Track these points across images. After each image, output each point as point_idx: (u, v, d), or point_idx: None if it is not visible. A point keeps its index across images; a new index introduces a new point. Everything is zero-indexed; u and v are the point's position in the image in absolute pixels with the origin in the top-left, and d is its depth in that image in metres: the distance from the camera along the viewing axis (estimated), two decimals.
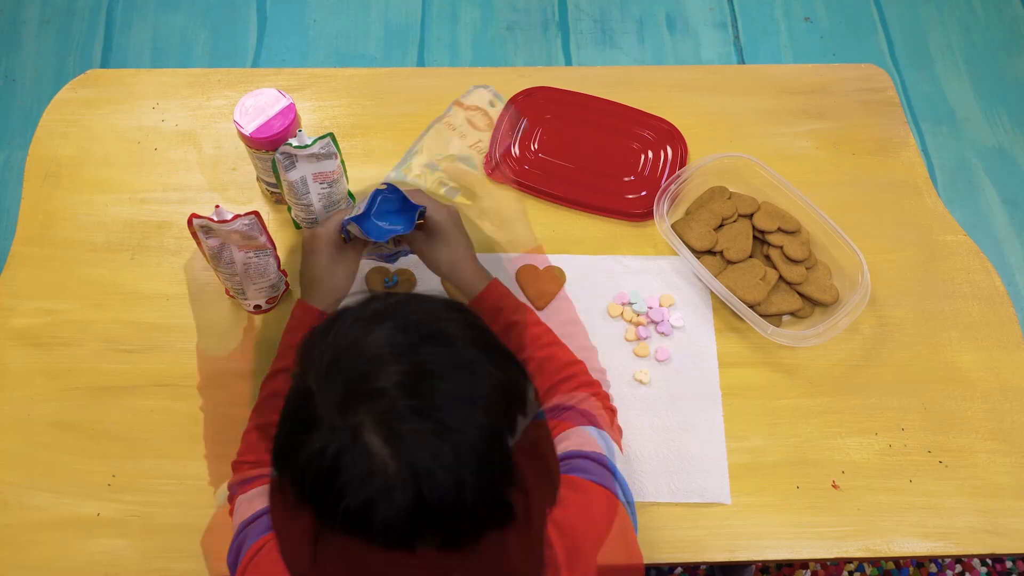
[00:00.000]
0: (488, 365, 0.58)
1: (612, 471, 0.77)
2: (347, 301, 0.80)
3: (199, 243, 0.92)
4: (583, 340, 0.98)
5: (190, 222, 0.88)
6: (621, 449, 0.83)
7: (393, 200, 0.87)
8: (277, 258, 0.98)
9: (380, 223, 0.86)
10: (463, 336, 0.59)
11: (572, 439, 0.79)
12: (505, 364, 0.61)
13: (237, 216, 0.88)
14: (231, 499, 0.83)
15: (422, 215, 0.86)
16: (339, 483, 0.53)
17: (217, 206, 0.86)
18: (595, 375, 0.89)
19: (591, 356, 0.96)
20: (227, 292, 1.03)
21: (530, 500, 0.63)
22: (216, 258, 0.94)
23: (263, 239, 0.93)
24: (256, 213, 0.89)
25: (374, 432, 0.52)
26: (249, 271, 0.95)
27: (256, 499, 0.78)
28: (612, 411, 0.87)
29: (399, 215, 0.86)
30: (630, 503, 0.77)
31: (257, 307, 1.02)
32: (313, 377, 0.57)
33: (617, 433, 0.86)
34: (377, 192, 0.86)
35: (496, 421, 0.57)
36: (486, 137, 0.83)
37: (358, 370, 0.55)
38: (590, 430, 0.81)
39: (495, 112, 0.81)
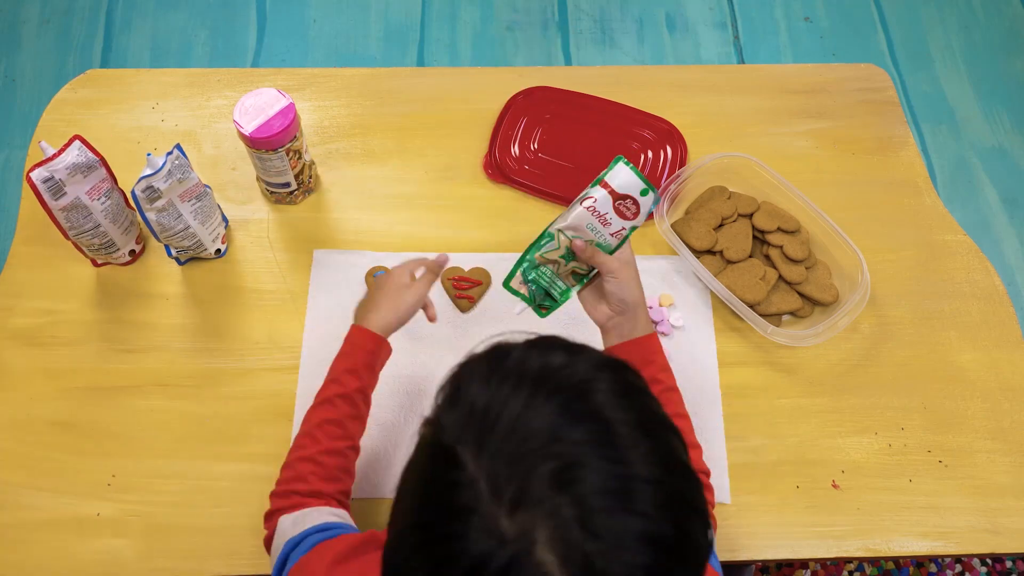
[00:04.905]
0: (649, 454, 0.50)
1: (713, 556, 0.74)
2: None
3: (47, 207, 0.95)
4: (679, 408, 0.89)
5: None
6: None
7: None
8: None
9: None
10: (623, 419, 0.50)
11: None
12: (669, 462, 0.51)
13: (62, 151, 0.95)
14: (269, 518, 0.80)
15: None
16: None
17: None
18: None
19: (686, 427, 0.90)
20: (85, 252, 1.03)
21: None
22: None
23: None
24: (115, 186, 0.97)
25: (548, 549, 0.45)
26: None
27: (302, 521, 0.76)
28: (713, 505, 0.84)
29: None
30: None
31: (132, 252, 1.06)
32: (462, 440, 0.49)
33: (713, 525, 0.81)
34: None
35: (672, 518, 0.48)
36: (629, 224, 0.84)
37: (525, 461, 0.47)
38: None
39: (645, 201, 0.82)
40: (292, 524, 0.77)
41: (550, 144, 1.16)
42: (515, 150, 1.15)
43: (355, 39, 2.09)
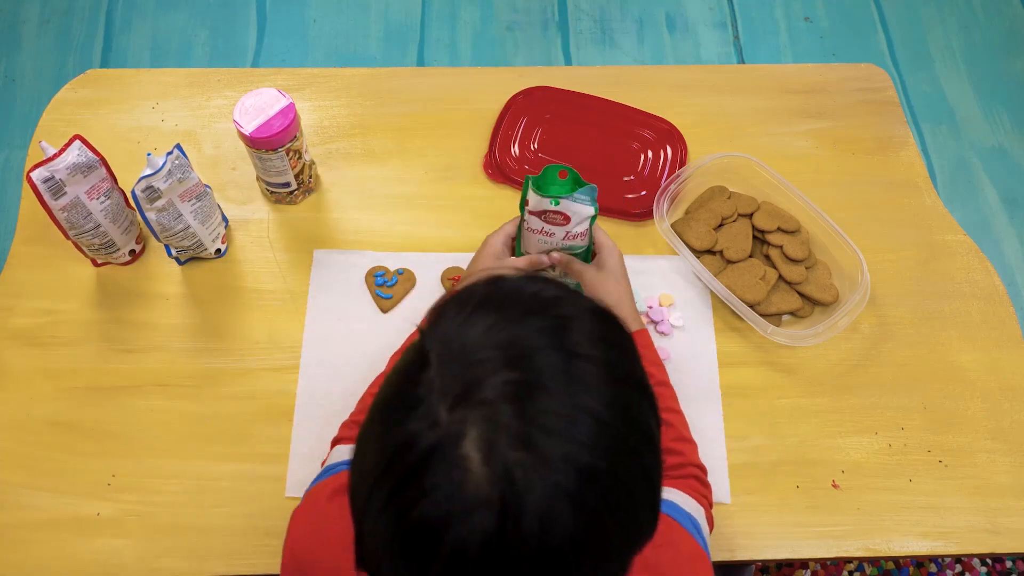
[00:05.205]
0: (619, 396, 0.51)
1: (702, 541, 0.74)
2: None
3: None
4: (671, 403, 0.90)
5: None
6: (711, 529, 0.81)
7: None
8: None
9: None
10: (601, 357, 0.52)
11: (672, 495, 0.77)
12: (638, 400, 0.53)
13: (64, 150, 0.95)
14: (332, 444, 0.86)
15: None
16: (425, 482, 0.47)
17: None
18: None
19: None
20: (85, 252, 1.03)
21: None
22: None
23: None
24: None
25: (476, 446, 0.47)
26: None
27: (348, 452, 0.79)
28: (710, 503, 0.84)
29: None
30: None
31: (132, 252, 1.06)
32: (435, 346, 0.51)
33: (709, 524, 0.82)
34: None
35: (611, 461, 0.49)
36: (571, 228, 0.91)
37: (474, 371, 0.50)
38: (689, 499, 0.79)
39: (570, 204, 0.89)
40: (339, 454, 0.80)
41: (550, 144, 1.16)
42: (515, 150, 1.15)
43: (355, 39, 2.09)
